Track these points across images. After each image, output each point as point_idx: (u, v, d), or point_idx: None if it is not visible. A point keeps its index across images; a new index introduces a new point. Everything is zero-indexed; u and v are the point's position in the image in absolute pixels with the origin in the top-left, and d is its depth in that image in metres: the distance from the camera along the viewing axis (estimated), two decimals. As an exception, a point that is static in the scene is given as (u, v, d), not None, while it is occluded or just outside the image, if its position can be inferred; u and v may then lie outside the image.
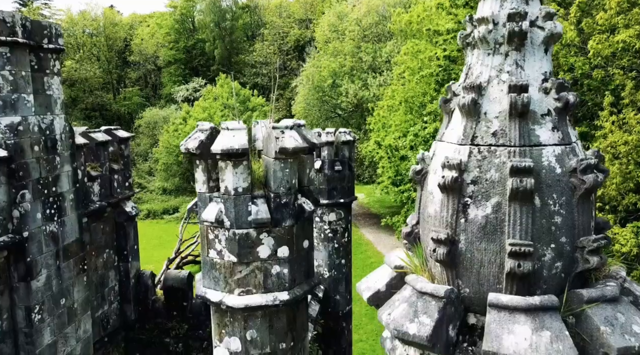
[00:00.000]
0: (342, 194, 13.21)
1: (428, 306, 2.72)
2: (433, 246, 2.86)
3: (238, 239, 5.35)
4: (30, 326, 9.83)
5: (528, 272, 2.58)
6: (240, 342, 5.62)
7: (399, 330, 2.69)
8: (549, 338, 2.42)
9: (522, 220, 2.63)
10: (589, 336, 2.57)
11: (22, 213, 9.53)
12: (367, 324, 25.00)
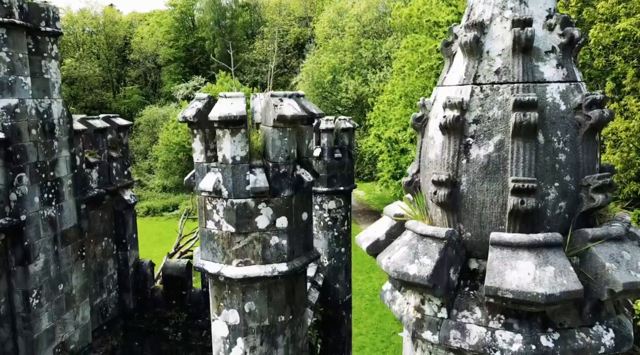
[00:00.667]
0: (341, 182, 13.14)
1: (429, 248, 2.66)
2: (434, 189, 2.79)
3: (236, 209, 5.28)
4: (28, 311, 9.76)
5: (531, 209, 2.52)
6: (239, 315, 5.55)
7: (399, 271, 2.62)
8: (553, 273, 2.35)
9: (526, 157, 2.57)
10: (594, 274, 2.50)
11: (20, 196, 9.47)
12: (367, 317, 24.97)
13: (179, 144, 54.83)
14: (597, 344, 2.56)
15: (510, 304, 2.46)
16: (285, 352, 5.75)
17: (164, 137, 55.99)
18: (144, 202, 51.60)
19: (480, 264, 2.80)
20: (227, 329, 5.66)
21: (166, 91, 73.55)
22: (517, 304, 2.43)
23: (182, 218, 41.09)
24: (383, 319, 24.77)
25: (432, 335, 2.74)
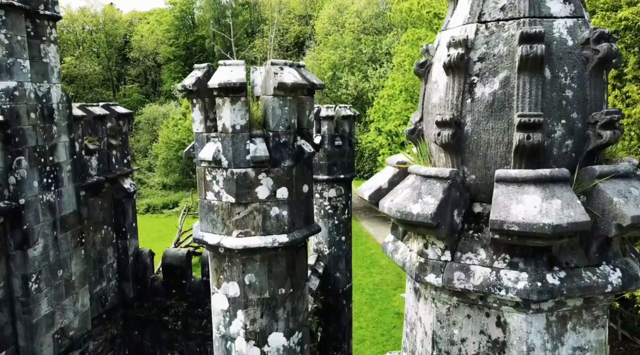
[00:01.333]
0: (342, 170, 13.08)
1: (432, 188, 2.60)
2: (437, 131, 2.74)
3: (236, 179, 5.23)
4: (27, 295, 9.72)
5: (538, 143, 2.46)
6: (239, 287, 5.50)
7: (402, 211, 2.57)
8: (560, 205, 2.30)
9: (532, 93, 2.51)
10: (601, 211, 2.45)
11: (19, 180, 9.42)
12: (367, 312, 24.91)
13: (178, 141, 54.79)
14: (604, 282, 2.51)
15: (515, 239, 2.41)
16: (286, 325, 5.70)
17: (164, 135, 55.92)
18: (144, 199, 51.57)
19: (484, 208, 2.75)
20: (227, 301, 5.61)
21: (166, 89, 73.50)
22: (522, 238, 2.37)
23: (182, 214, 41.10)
24: (383, 313, 24.72)
25: (436, 278, 2.69)
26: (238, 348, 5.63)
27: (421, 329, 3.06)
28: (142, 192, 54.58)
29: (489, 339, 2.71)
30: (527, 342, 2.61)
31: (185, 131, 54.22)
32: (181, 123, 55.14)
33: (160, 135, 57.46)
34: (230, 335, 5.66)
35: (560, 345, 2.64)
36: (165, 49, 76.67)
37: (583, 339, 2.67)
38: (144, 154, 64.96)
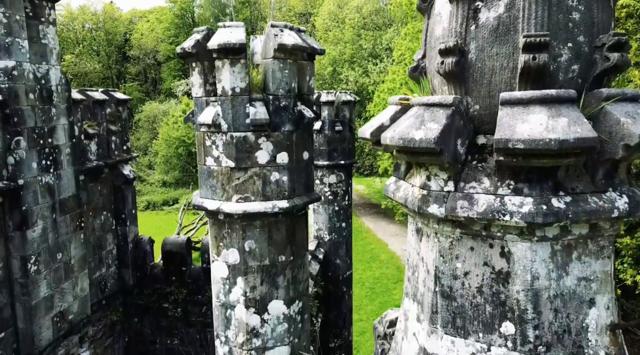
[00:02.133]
0: (342, 156, 13.03)
1: (435, 115, 2.55)
2: (440, 59, 2.69)
3: (236, 143, 5.18)
4: (25, 276, 9.67)
5: (544, 64, 2.41)
6: (239, 253, 5.45)
7: (405, 138, 2.52)
8: (567, 123, 2.25)
9: (538, 14, 2.46)
10: (608, 133, 2.40)
11: (17, 160, 9.38)
12: (367, 304, 24.86)
13: (178, 138, 54.71)
14: (611, 207, 2.46)
15: (520, 160, 2.35)
16: (286, 292, 5.65)
17: (164, 132, 55.84)
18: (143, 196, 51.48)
19: (488, 139, 2.70)
20: (226, 269, 5.56)
21: (166, 88, 73.40)
22: (528, 158, 2.32)
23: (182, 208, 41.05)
24: (384, 305, 24.66)
25: (439, 208, 2.64)
26: (238, 316, 5.58)
27: (423, 269, 3.01)
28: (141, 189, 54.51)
29: (492, 270, 2.66)
30: (532, 271, 2.56)
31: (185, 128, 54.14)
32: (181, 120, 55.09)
33: (160, 133, 57.38)
34: (230, 303, 5.61)
35: (565, 275, 2.59)
36: (165, 47, 76.52)
37: (588, 269, 2.62)
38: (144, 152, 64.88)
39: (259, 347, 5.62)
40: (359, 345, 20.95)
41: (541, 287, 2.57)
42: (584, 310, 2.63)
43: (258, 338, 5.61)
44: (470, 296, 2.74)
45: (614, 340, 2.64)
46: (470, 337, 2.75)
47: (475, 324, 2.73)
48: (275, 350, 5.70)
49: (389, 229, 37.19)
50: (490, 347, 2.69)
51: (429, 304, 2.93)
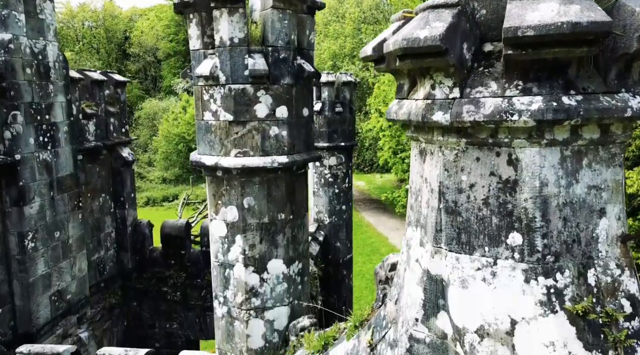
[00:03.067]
0: (342, 137, 12.93)
1: (441, 15, 2.45)
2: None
3: (234, 95, 5.08)
4: (23, 253, 9.57)
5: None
6: (237, 211, 5.35)
7: (409, 38, 2.41)
8: (579, 9, 2.15)
9: None
10: (622, 27, 2.30)
11: (14, 135, 9.28)
12: (367, 295, 24.72)
13: (178, 135, 54.58)
14: (623, 106, 2.36)
15: (530, 53, 2.25)
16: (286, 252, 5.55)
17: (164, 129, 55.71)
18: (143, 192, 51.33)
19: (495, 46, 2.59)
20: (225, 227, 5.45)
21: (166, 85, 73.26)
22: (538, 48, 2.22)
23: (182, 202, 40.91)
24: (384, 297, 24.51)
25: (443, 115, 2.54)
26: (237, 275, 5.48)
27: (427, 190, 2.91)
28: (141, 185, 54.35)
29: (499, 180, 2.56)
30: (540, 177, 2.46)
31: (185, 125, 54.02)
32: (181, 116, 54.97)
33: (160, 129, 57.25)
34: (228, 262, 5.51)
35: (574, 182, 2.49)
36: (165, 44, 76.34)
37: (599, 177, 2.52)
38: (143, 149, 64.75)
39: (258, 307, 5.52)
40: None
41: (550, 194, 2.47)
42: (594, 220, 2.53)
43: (257, 298, 5.51)
44: (475, 209, 2.63)
45: (624, 252, 2.54)
46: (476, 252, 2.65)
47: (480, 238, 2.63)
48: (275, 311, 5.60)
49: (389, 223, 37.07)
50: (496, 260, 2.59)
51: (432, 223, 2.83)
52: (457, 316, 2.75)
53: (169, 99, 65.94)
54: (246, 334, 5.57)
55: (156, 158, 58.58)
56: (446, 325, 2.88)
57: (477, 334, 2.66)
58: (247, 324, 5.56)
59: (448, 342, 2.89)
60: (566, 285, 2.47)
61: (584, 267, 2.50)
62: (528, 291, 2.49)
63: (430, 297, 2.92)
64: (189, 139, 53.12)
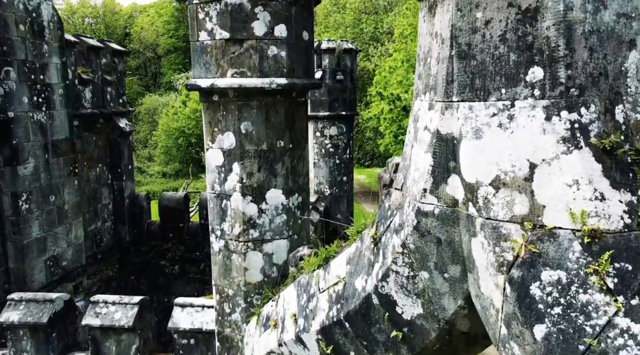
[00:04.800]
0: (343, 106, 12.70)
1: None
2: None
3: (230, 11, 4.85)
4: (17, 214, 9.35)
5: None
6: (234, 136, 5.12)
7: None
8: None
9: None
10: None
11: (7, 91, 9.07)
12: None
13: (178, 129, 54.38)
14: None
15: None
16: (285, 182, 5.32)
17: (164, 123, 55.51)
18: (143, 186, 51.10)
19: None
20: (221, 155, 5.22)
21: (166, 81, 73.06)
22: None
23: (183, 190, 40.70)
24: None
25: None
26: (234, 205, 5.25)
27: (437, 44, 2.68)
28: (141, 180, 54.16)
29: (518, 10, 2.32)
30: (565, 1, 2.22)
31: (185, 119, 53.82)
32: (181, 110, 54.75)
33: (160, 123, 57.05)
34: (225, 193, 5.28)
35: (602, 8, 2.26)
36: (165, 40, 76.18)
37: (629, 4, 2.29)
38: (144, 145, 64.56)
39: (256, 239, 5.29)
40: None
41: (575, 19, 2.24)
42: (623, 52, 2.30)
43: (255, 229, 5.27)
44: (491, 49, 2.40)
45: (656, 89, 2.30)
46: (491, 97, 2.42)
47: (496, 80, 2.40)
48: (274, 243, 5.37)
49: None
50: (513, 101, 2.36)
51: (442, 77, 2.60)
52: (470, 171, 2.52)
53: (169, 95, 65.75)
54: (244, 267, 5.34)
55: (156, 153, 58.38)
56: (457, 190, 2.65)
57: (492, 186, 2.43)
58: (244, 256, 5.32)
59: (459, 208, 2.67)
60: (591, 121, 2.24)
61: (611, 102, 2.27)
62: (549, 129, 2.26)
63: (440, 160, 2.69)
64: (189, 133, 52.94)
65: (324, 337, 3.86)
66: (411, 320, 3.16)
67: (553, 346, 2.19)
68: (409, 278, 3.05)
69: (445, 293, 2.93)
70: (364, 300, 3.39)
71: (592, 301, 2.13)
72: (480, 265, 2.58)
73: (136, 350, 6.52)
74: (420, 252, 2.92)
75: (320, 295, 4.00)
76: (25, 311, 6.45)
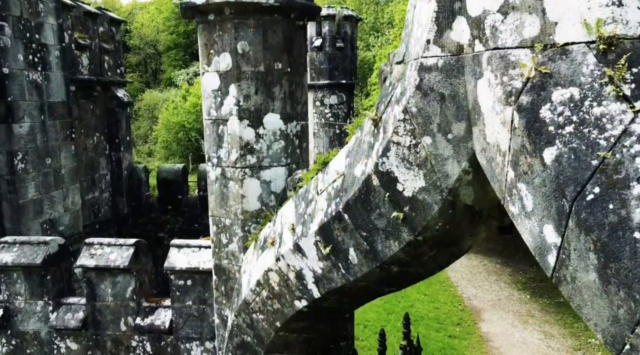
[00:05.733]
0: (343, 75, 12.57)
1: None
2: None
3: None
4: (12, 173, 9.23)
5: None
6: (231, 57, 4.98)
7: None
8: None
9: None
10: None
11: (2, 46, 8.96)
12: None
13: (178, 123, 54.24)
14: None
15: None
16: (283, 106, 5.18)
17: (164, 117, 55.37)
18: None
19: None
20: (218, 79, 5.09)
21: (166, 78, 72.99)
22: None
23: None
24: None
25: None
26: (230, 130, 5.11)
27: None
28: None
29: None
30: None
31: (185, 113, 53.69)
32: (181, 105, 54.62)
33: (160, 118, 56.93)
34: (221, 118, 5.14)
35: None
36: (165, 37, 76.09)
37: None
38: (144, 140, 64.43)
39: (253, 165, 5.15)
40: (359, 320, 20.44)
41: None
42: None
43: (253, 155, 5.13)
44: None
45: None
46: None
47: None
48: (272, 170, 5.23)
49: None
50: None
51: None
52: (476, 2, 2.38)
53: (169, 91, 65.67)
54: (241, 195, 5.20)
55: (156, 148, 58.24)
56: (462, 34, 2.52)
57: (500, 12, 2.29)
58: (242, 183, 5.18)
59: (464, 54, 2.53)
60: None
61: None
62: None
63: (445, 3, 2.55)
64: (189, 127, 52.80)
65: (323, 237, 3.72)
66: (412, 197, 3.02)
67: (564, 167, 2.06)
68: (410, 148, 2.91)
69: (448, 157, 2.79)
70: (363, 183, 3.25)
71: (606, 113, 2.00)
72: (486, 109, 2.44)
73: (132, 292, 6.40)
74: (422, 114, 2.78)
75: (319, 197, 3.86)
76: (19, 253, 6.31)
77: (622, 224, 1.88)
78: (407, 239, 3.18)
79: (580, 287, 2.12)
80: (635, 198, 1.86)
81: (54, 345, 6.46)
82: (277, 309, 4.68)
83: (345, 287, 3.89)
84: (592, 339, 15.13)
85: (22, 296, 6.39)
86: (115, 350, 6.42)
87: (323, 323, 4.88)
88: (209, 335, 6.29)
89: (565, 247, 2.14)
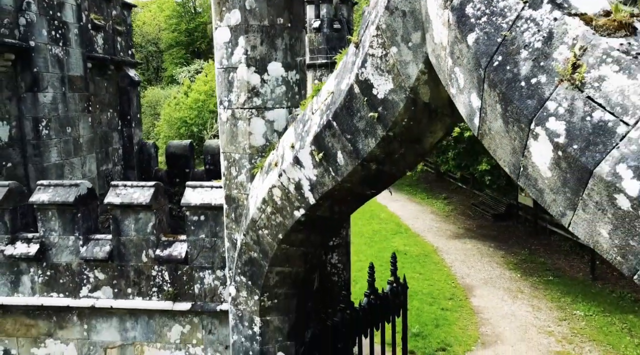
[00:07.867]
0: (340, 55, 13.46)
1: None
2: None
3: None
4: (37, 138, 10.14)
5: None
6: (240, 13, 5.89)
7: None
8: None
9: None
10: None
11: (29, 21, 9.85)
12: (366, 250, 25.27)
13: (180, 119, 55.09)
14: None
15: None
16: (284, 56, 6.09)
17: (166, 113, 56.22)
18: (145, 178, 51.87)
19: None
20: (229, 32, 6.00)
21: (168, 75, 73.93)
22: None
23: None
24: (382, 250, 25.03)
25: None
26: (239, 76, 6.02)
27: None
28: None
29: None
30: None
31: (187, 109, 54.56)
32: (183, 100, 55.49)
33: (162, 114, 57.77)
34: (232, 65, 6.05)
35: None
36: (167, 35, 77.02)
37: None
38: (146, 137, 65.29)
39: (259, 106, 6.06)
40: (358, 279, 21.39)
41: None
42: None
43: (258, 97, 6.04)
44: None
45: None
46: None
47: None
48: (275, 112, 6.13)
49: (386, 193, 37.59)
50: None
51: None
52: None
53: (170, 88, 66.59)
54: (248, 132, 6.12)
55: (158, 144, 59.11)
56: (416, -37, 3.42)
57: (440, -58, 3.20)
58: (249, 121, 6.10)
59: (418, -22, 3.43)
60: None
61: None
62: None
63: (403, -59, 3.46)
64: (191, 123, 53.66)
65: (317, 146, 4.64)
66: (384, 98, 3.93)
67: (480, 46, 2.96)
68: (382, 58, 3.82)
69: (409, 61, 3.70)
70: (347, 93, 4.16)
71: (507, 5, 2.90)
72: (433, 15, 3.35)
73: (152, 227, 7.29)
74: (390, 29, 3.69)
75: (314, 115, 4.77)
76: (53, 193, 7.22)
77: (514, 77, 2.78)
78: (381, 135, 4.09)
79: (494, 135, 3.02)
80: (522, 59, 2.77)
81: (84, 276, 7.36)
82: (279, 222, 5.59)
83: (335, 190, 4.81)
84: (578, 310, 16.05)
85: (56, 232, 7.29)
86: (137, 279, 7.33)
87: (317, 234, 5.80)
88: (219, 264, 7.17)
89: (484, 107, 3.04)
